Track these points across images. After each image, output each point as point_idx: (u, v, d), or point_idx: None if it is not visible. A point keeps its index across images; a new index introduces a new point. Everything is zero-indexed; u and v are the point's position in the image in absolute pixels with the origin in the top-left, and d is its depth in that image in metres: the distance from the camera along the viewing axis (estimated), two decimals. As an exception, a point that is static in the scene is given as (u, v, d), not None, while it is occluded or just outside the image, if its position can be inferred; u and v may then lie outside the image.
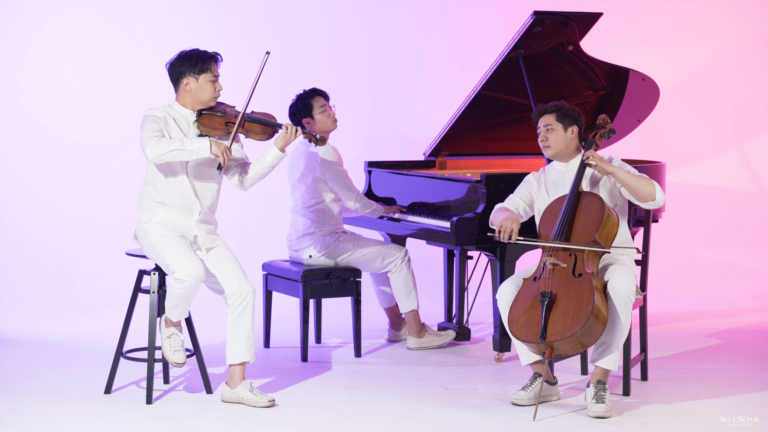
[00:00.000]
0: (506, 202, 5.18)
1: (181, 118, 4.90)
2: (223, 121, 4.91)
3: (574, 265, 4.78)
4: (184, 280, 4.73)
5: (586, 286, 4.69)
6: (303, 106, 5.92)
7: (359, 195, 5.95)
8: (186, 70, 4.86)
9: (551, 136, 5.04)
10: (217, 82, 4.91)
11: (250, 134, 4.92)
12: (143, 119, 4.84)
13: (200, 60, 4.87)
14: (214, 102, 4.93)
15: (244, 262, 5.10)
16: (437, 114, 7.49)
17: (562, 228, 4.85)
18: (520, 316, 4.78)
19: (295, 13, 7.94)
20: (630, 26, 8.08)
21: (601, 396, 4.76)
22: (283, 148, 4.93)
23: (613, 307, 4.74)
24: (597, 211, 4.84)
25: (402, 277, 5.98)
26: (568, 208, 4.89)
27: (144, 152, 4.74)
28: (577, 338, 4.61)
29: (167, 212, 4.89)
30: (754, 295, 7.72)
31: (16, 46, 7.66)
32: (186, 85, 4.87)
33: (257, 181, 5.01)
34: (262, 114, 4.97)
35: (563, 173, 5.10)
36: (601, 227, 4.80)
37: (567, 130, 5.04)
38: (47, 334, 6.42)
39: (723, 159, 8.26)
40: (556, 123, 5.04)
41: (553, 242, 4.83)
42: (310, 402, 4.97)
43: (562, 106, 5.07)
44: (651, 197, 4.85)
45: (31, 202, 7.66)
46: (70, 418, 4.67)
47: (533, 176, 5.22)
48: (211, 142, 4.75)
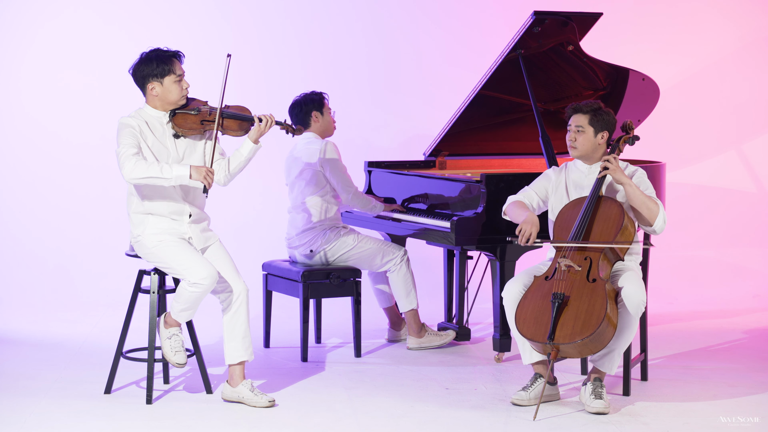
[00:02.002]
0: (521, 194, 5.10)
1: (154, 120, 4.84)
2: (198, 120, 4.85)
3: (589, 270, 4.73)
4: (200, 284, 4.71)
5: (599, 293, 4.65)
6: (319, 99, 5.93)
7: (356, 191, 5.94)
8: (149, 75, 4.79)
9: (580, 138, 4.94)
10: (183, 80, 4.83)
11: (227, 132, 4.86)
12: (118, 129, 4.76)
13: (161, 62, 4.77)
14: (183, 100, 4.86)
15: (243, 262, 5.11)
16: (437, 114, 7.49)
17: (580, 230, 4.80)
18: (528, 314, 4.74)
19: (295, 13, 7.94)
20: (630, 26, 8.08)
21: (599, 392, 4.76)
22: (257, 139, 4.86)
23: (625, 314, 4.71)
24: (617, 218, 4.79)
25: (401, 277, 5.98)
26: (587, 211, 4.84)
27: (120, 170, 4.67)
28: (586, 344, 4.59)
29: (158, 220, 4.85)
30: (754, 295, 7.71)
31: (16, 46, 7.66)
32: (152, 89, 4.81)
33: (236, 176, 4.93)
34: (237, 108, 4.90)
35: (585, 175, 5.02)
36: (620, 234, 4.76)
37: (597, 135, 4.94)
38: (47, 334, 6.42)
39: (723, 159, 8.27)
40: (587, 126, 4.93)
41: (571, 242, 4.79)
42: (310, 402, 4.97)
43: (599, 108, 4.94)
44: (650, 223, 4.81)
45: (32, 202, 7.67)
46: (70, 418, 4.67)
47: (553, 171, 5.12)
48: (191, 169, 4.68)
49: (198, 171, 4.70)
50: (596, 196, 4.87)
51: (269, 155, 7.69)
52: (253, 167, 7.39)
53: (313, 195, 5.90)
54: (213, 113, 4.83)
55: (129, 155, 4.67)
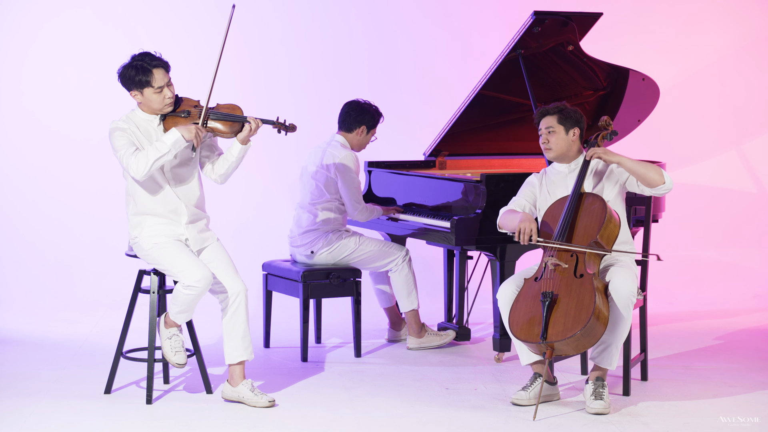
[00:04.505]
0: (511, 204, 5.14)
1: (145, 123, 4.85)
2: (187, 123, 4.86)
3: (576, 266, 4.77)
4: (194, 286, 4.73)
5: (587, 287, 4.69)
6: (377, 118, 6.00)
7: (364, 207, 5.94)
8: (129, 83, 4.79)
9: (552, 138, 5.02)
10: (166, 89, 4.79)
11: (217, 133, 4.86)
12: (110, 134, 4.78)
13: (140, 72, 4.75)
14: (168, 108, 4.85)
15: (243, 262, 5.11)
16: (437, 114, 7.49)
17: (564, 228, 4.85)
18: (520, 317, 4.78)
19: (295, 13, 7.94)
20: (630, 26, 8.08)
21: (599, 393, 4.77)
22: (246, 141, 4.87)
23: (615, 307, 4.74)
24: (599, 212, 4.84)
25: (403, 277, 5.98)
26: (570, 209, 4.88)
27: (128, 172, 4.73)
28: (578, 339, 4.61)
29: (155, 221, 4.86)
30: (754, 295, 7.71)
31: (17, 46, 7.66)
32: (135, 96, 4.83)
33: (230, 175, 4.97)
34: (227, 107, 4.89)
35: (564, 174, 5.09)
36: (603, 228, 4.79)
37: (569, 133, 5.02)
38: (47, 334, 6.42)
39: (723, 159, 8.26)
40: (557, 125, 5.01)
41: (575, 246, 4.77)
42: (310, 402, 4.97)
43: (564, 108, 5.04)
44: (660, 181, 4.84)
45: (32, 201, 7.67)
46: (70, 418, 4.67)
47: (535, 177, 5.19)
48: (180, 130, 4.71)
49: (188, 130, 4.74)
50: (577, 194, 4.90)
51: (269, 155, 7.71)
52: (253, 167, 7.42)
53: (323, 199, 5.90)
54: (202, 115, 4.83)
55: (129, 155, 4.71)
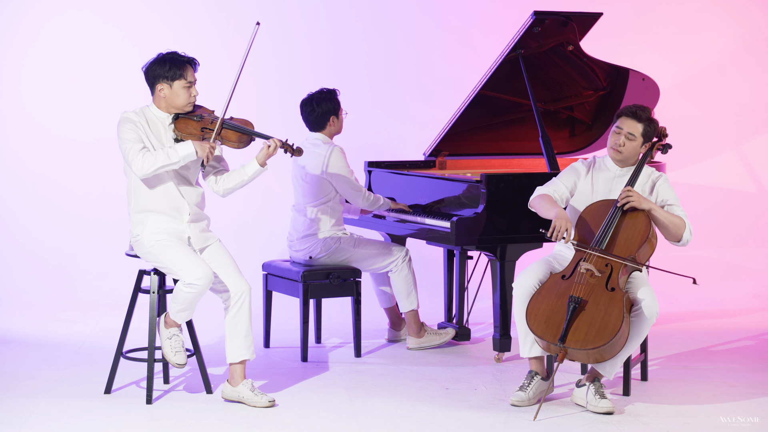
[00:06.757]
0: (549, 187, 4.98)
1: (157, 120, 4.87)
2: (199, 127, 4.86)
3: (609, 277, 4.69)
4: (195, 284, 4.72)
5: (617, 303, 4.61)
6: (336, 102, 5.91)
7: (365, 193, 5.93)
8: (160, 76, 4.82)
9: (629, 144, 4.89)
10: (193, 87, 4.86)
11: (225, 142, 4.87)
12: (119, 123, 4.80)
13: (174, 66, 4.81)
14: (189, 107, 4.88)
15: (243, 262, 5.10)
16: (437, 114, 7.49)
17: (605, 236, 4.76)
18: (541, 311, 4.70)
19: (295, 13, 7.94)
20: (630, 26, 8.08)
21: (602, 392, 4.76)
22: (264, 162, 4.90)
23: (637, 324, 4.71)
24: (643, 228, 4.76)
25: (403, 277, 5.98)
26: (614, 218, 4.79)
27: (130, 167, 4.74)
28: (597, 352, 4.57)
29: (157, 219, 4.86)
30: (754, 295, 7.72)
31: (16, 46, 7.66)
32: (160, 90, 4.84)
33: (235, 191, 4.99)
34: (240, 121, 4.92)
35: (613, 176, 4.98)
36: (644, 245, 4.74)
37: (643, 145, 4.93)
38: (47, 334, 6.42)
39: (723, 159, 8.26)
40: (640, 136, 4.89)
41: (613, 256, 4.69)
42: (310, 402, 4.97)
43: (653, 121, 4.91)
44: (677, 239, 4.81)
45: (32, 202, 7.67)
46: (70, 418, 4.67)
47: (582, 165, 5.04)
48: (195, 146, 4.73)
49: (202, 147, 4.75)
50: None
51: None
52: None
53: (316, 201, 5.89)
54: (215, 122, 4.84)
55: (136, 151, 4.71)
